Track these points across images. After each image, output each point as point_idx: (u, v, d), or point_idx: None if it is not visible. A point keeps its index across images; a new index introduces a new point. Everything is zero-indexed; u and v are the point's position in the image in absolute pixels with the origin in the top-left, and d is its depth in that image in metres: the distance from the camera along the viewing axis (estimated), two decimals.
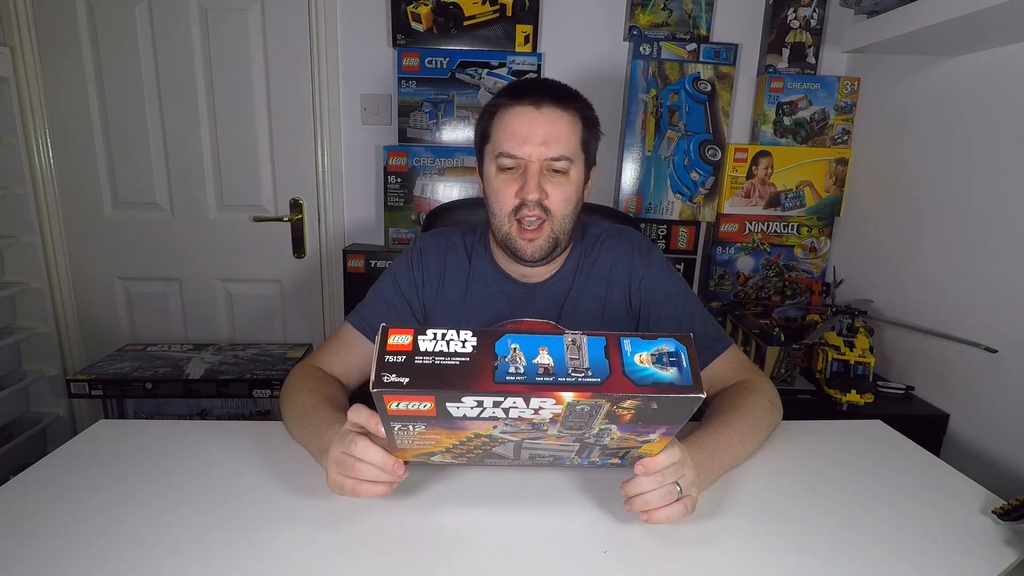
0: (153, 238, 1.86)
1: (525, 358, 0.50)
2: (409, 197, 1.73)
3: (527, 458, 0.63)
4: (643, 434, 0.57)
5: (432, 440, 0.57)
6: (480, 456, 0.62)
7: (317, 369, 0.87)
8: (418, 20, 1.67)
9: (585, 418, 0.53)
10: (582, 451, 0.61)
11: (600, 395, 0.50)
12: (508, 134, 0.83)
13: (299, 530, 0.63)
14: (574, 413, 0.52)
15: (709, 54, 1.70)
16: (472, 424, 0.53)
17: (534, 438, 0.57)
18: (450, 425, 0.54)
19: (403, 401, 0.50)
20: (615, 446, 0.59)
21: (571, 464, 0.63)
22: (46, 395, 1.91)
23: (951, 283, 1.35)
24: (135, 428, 0.85)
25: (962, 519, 0.69)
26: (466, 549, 0.61)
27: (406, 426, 0.54)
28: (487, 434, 0.56)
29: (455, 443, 0.58)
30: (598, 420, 0.53)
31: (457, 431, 0.55)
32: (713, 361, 0.88)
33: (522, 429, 0.55)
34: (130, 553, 0.59)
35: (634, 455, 0.62)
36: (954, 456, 1.30)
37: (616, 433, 0.56)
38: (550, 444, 0.59)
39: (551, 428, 0.54)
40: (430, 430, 0.55)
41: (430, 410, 0.51)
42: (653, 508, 0.62)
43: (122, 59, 1.74)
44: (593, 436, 0.57)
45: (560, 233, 0.86)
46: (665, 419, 0.54)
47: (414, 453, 0.61)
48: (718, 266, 1.82)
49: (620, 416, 0.53)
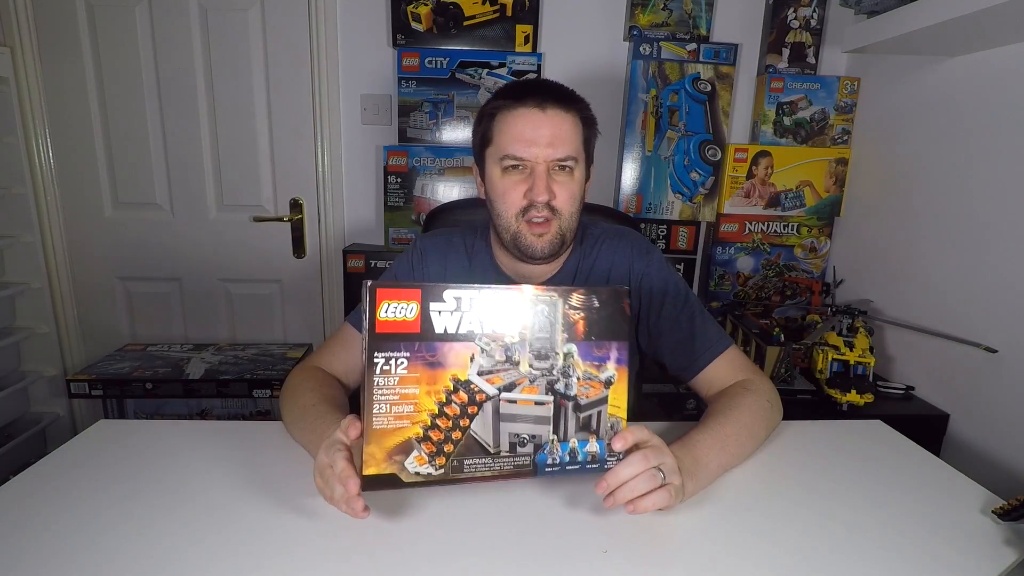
0: (153, 238, 1.86)
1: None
2: (409, 197, 1.73)
3: (507, 447, 0.63)
4: (601, 362, 0.65)
5: (411, 399, 0.60)
6: (460, 449, 0.62)
7: (317, 369, 0.87)
8: (418, 20, 1.67)
9: (547, 328, 0.64)
10: (558, 420, 0.64)
11: (552, 288, 0.64)
12: (513, 136, 0.83)
13: (299, 530, 0.63)
14: (537, 320, 0.63)
15: (709, 54, 1.70)
16: (451, 355, 0.61)
17: (509, 387, 0.63)
18: (431, 357, 0.60)
19: (393, 301, 0.58)
20: (585, 395, 0.65)
21: (553, 461, 0.64)
22: (46, 395, 1.91)
23: (951, 283, 1.35)
24: (135, 428, 0.86)
25: (962, 519, 0.69)
26: (466, 549, 0.61)
27: (388, 364, 0.59)
28: (464, 379, 0.61)
29: (434, 409, 0.60)
30: (558, 330, 0.64)
31: (436, 372, 0.60)
32: (713, 361, 0.88)
33: (497, 363, 0.62)
34: (130, 553, 0.59)
35: (606, 428, 0.66)
36: (954, 456, 1.30)
37: (579, 362, 0.64)
38: (527, 406, 0.64)
39: (521, 354, 0.63)
40: (411, 368, 0.59)
41: (415, 320, 0.59)
42: (638, 496, 0.62)
43: (122, 59, 1.74)
44: (560, 372, 0.64)
45: (567, 230, 0.87)
46: (610, 329, 0.65)
47: (392, 444, 0.59)
48: (718, 266, 1.82)
49: (574, 324, 0.64)
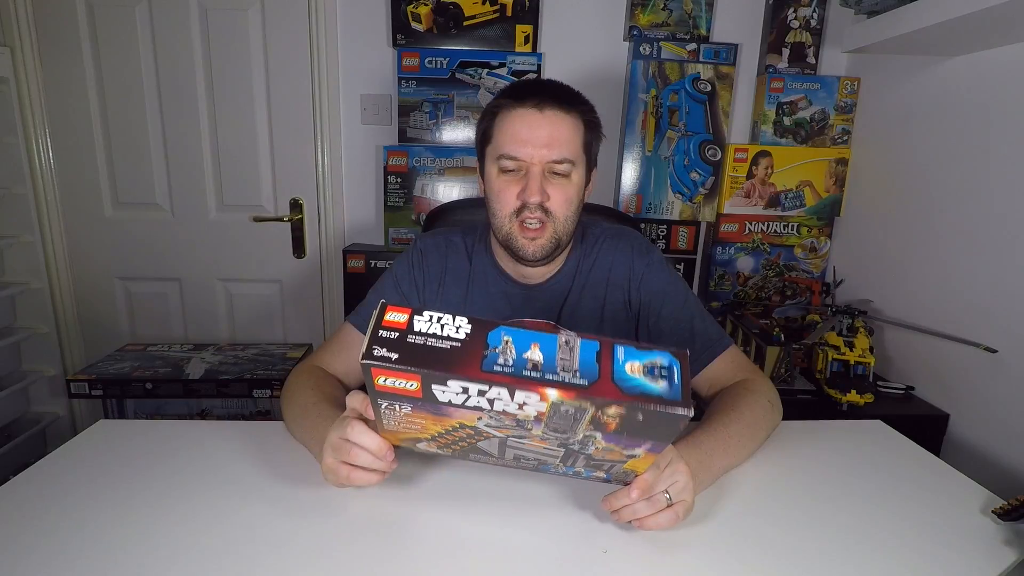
0: (153, 238, 1.86)
1: (515, 351, 0.50)
2: (409, 197, 1.73)
3: (511, 458, 0.61)
4: (629, 447, 0.55)
5: (418, 425, 0.57)
6: (465, 450, 0.61)
7: (318, 369, 0.88)
8: (418, 20, 1.67)
9: (569, 420, 0.52)
10: (567, 458, 0.60)
11: (585, 398, 0.49)
12: (510, 136, 0.82)
13: (299, 530, 0.63)
14: (558, 414, 0.51)
15: (709, 54, 1.70)
16: (457, 412, 0.53)
17: (519, 436, 0.56)
18: (436, 411, 0.54)
19: (390, 377, 0.50)
20: (600, 457, 0.57)
21: (555, 472, 0.62)
22: (46, 395, 1.91)
23: (951, 283, 1.35)
24: (135, 428, 0.85)
25: (962, 519, 0.69)
26: (466, 548, 0.61)
27: (392, 405, 0.54)
28: (472, 425, 0.55)
29: (441, 431, 0.58)
30: (583, 425, 0.52)
31: (442, 418, 0.55)
32: (713, 361, 0.88)
33: (507, 425, 0.54)
34: (130, 553, 0.59)
35: (619, 471, 0.60)
36: (954, 456, 1.30)
37: (601, 442, 0.55)
38: (535, 446, 0.58)
39: (536, 427, 0.54)
40: (416, 413, 0.55)
41: (416, 390, 0.51)
42: (643, 516, 0.61)
43: (122, 59, 1.74)
44: (578, 443, 0.55)
45: (562, 234, 0.86)
46: (650, 434, 0.53)
47: (401, 437, 0.60)
48: (718, 266, 1.82)
49: (605, 424, 0.52)
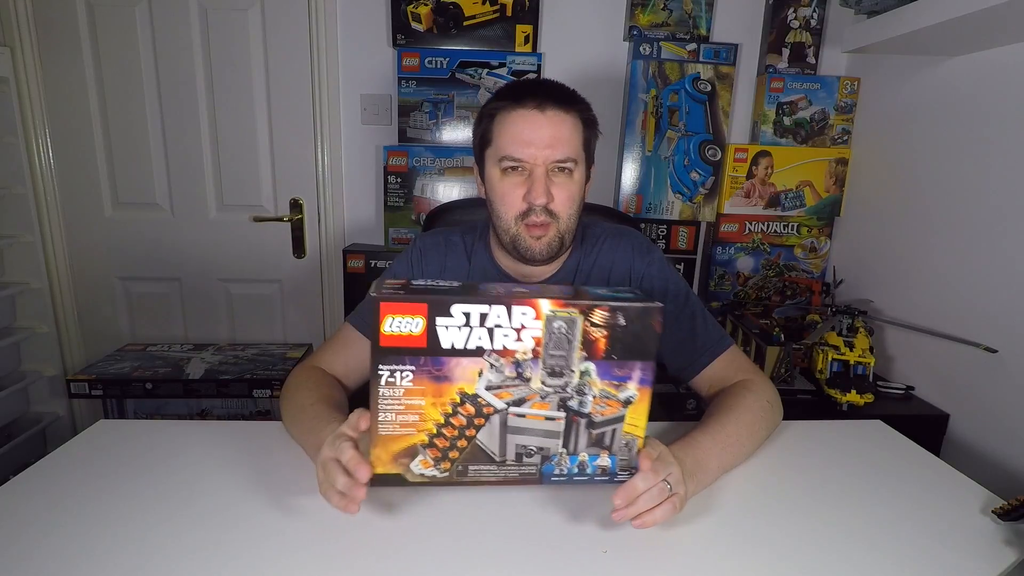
0: (153, 238, 1.86)
1: (503, 289, 0.59)
2: (409, 197, 1.73)
3: (513, 456, 0.62)
4: (621, 381, 0.60)
5: (417, 410, 0.58)
6: (464, 457, 0.61)
7: (317, 369, 0.88)
8: (418, 20, 1.67)
9: (564, 344, 0.58)
10: (569, 437, 0.61)
11: (572, 304, 0.57)
12: (512, 137, 0.82)
13: (299, 530, 0.63)
14: (553, 336, 0.57)
15: (709, 54, 1.70)
16: (458, 368, 0.57)
17: (518, 402, 0.59)
18: (438, 371, 0.57)
19: (398, 315, 0.55)
20: (600, 416, 0.61)
21: (559, 471, 0.63)
22: (46, 395, 1.91)
23: (951, 283, 1.35)
24: (135, 428, 0.85)
25: (962, 519, 0.69)
26: (466, 548, 0.61)
27: (394, 376, 0.57)
28: (471, 393, 0.58)
29: (440, 419, 0.59)
30: (576, 351, 0.58)
31: (443, 386, 0.58)
32: (713, 361, 0.88)
33: (507, 380, 0.58)
34: (130, 553, 0.59)
35: (621, 445, 0.63)
36: (954, 456, 1.30)
37: (597, 382, 0.59)
38: (536, 419, 0.60)
39: (533, 371, 0.58)
40: (417, 381, 0.57)
41: (421, 334, 0.56)
42: (646, 511, 0.62)
43: (122, 59, 1.73)
44: (574, 389, 0.60)
45: (566, 232, 0.86)
46: (635, 348, 0.59)
47: (396, 448, 0.59)
48: (718, 266, 1.82)
49: (595, 342, 0.58)
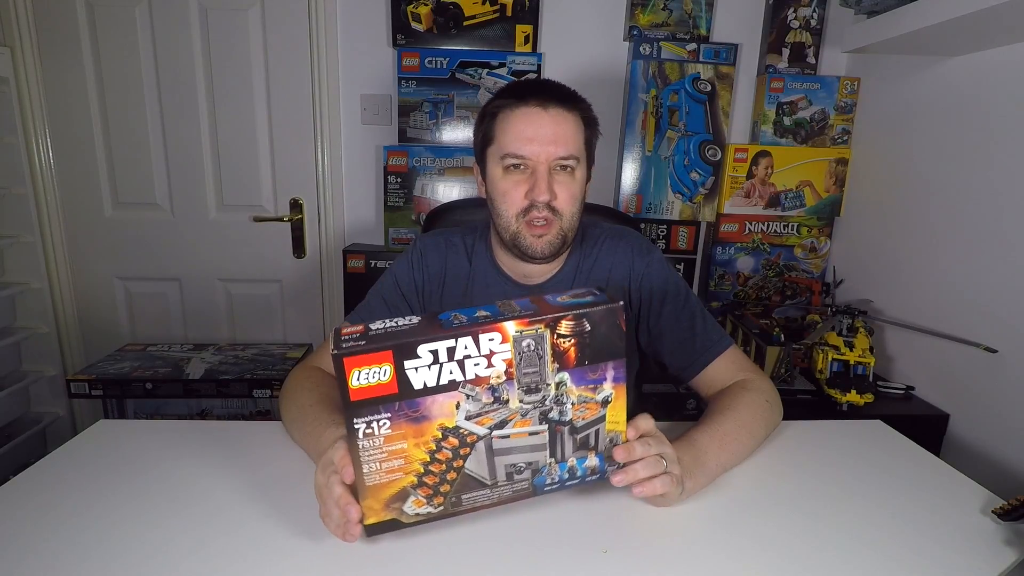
0: (153, 238, 1.86)
1: (465, 316, 0.57)
2: (409, 197, 1.73)
3: (504, 476, 0.60)
4: (596, 383, 0.60)
5: (401, 454, 0.56)
6: (456, 489, 0.60)
7: (316, 369, 0.87)
8: (418, 20, 1.67)
9: (535, 361, 0.57)
10: (555, 447, 0.61)
11: (538, 319, 0.56)
12: (515, 135, 0.83)
13: (299, 530, 0.63)
14: (523, 355, 0.57)
15: (709, 54, 1.70)
16: (435, 407, 0.56)
17: (500, 424, 0.58)
18: (414, 413, 0.56)
19: (364, 367, 0.53)
20: (581, 420, 0.61)
21: (551, 480, 0.62)
22: (46, 395, 1.91)
23: (951, 283, 1.35)
24: (135, 428, 0.85)
25: (962, 519, 0.69)
26: (466, 547, 0.61)
27: (371, 427, 0.55)
28: (452, 427, 0.57)
29: (426, 460, 0.57)
30: (548, 364, 0.58)
31: (423, 426, 0.56)
32: (713, 361, 0.88)
33: (485, 407, 0.58)
34: (130, 553, 0.59)
35: (607, 445, 0.63)
36: (954, 456, 1.30)
37: (573, 389, 0.60)
38: (520, 437, 0.60)
39: (511, 393, 0.58)
40: (395, 427, 0.56)
41: (390, 381, 0.54)
42: (642, 478, 0.63)
43: (122, 59, 1.73)
44: (553, 401, 0.59)
45: (567, 230, 0.87)
46: (605, 349, 0.59)
47: (386, 495, 0.58)
48: (718, 266, 1.82)
49: (565, 353, 0.58)
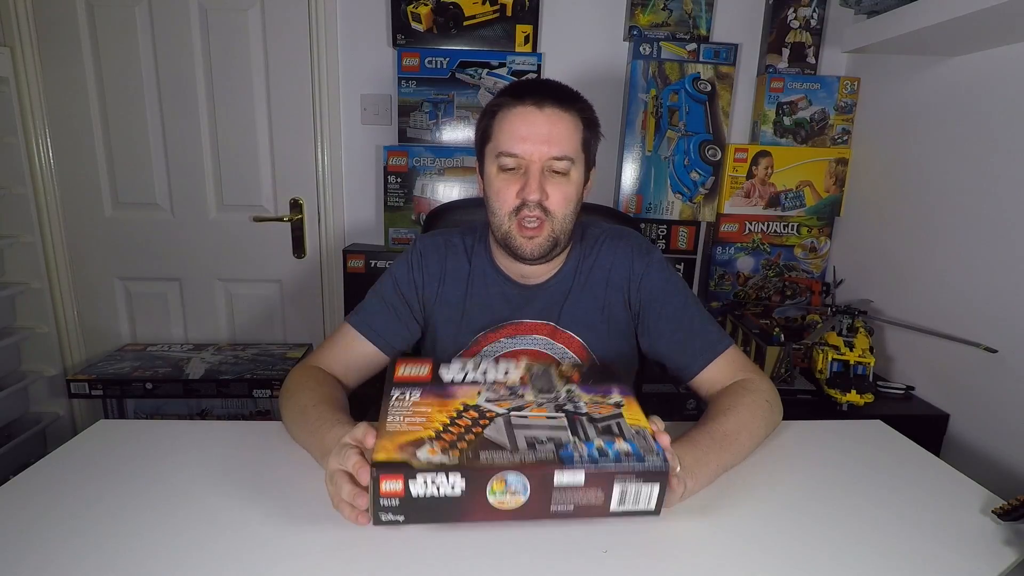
0: (153, 238, 1.86)
1: None
2: (409, 197, 1.73)
3: (525, 446, 0.59)
4: (605, 393, 0.67)
5: (424, 414, 0.62)
6: (473, 447, 0.59)
7: (317, 369, 0.87)
8: (418, 20, 1.67)
9: (545, 378, 0.67)
10: (575, 428, 0.62)
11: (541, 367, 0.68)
12: (510, 133, 0.83)
13: (299, 531, 0.63)
14: (534, 374, 0.68)
15: (709, 54, 1.70)
16: (460, 391, 0.65)
17: (518, 408, 0.64)
18: (442, 391, 0.65)
19: (409, 365, 0.68)
20: (597, 413, 0.65)
21: (579, 457, 0.58)
22: (46, 395, 1.91)
23: (951, 283, 1.35)
24: (135, 428, 0.85)
25: (962, 519, 0.69)
26: (466, 547, 0.61)
27: (403, 396, 0.64)
28: (474, 404, 0.64)
29: (446, 421, 0.61)
30: (556, 378, 0.68)
31: (448, 401, 0.64)
32: (713, 362, 0.88)
33: (503, 395, 0.65)
34: (130, 553, 0.59)
35: (630, 431, 0.62)
36: (954, 456, 1.30)
37: (582, 394, 0.67)
38: (537, 418, 0.63)
39: (526, 392, 0.65)
40: (424, 397, 0.64)
41: (427, 375, 0.67)
42: None
43: (122, 59, 1.73)
44: (566, 398, 0.66)
45: (560, 233, 0.86)
46: (606, 378, 0.70)
47: (402, 440, 0.59)
48: (718, 266, 1.82)
49: (571, 377, 0.68)
